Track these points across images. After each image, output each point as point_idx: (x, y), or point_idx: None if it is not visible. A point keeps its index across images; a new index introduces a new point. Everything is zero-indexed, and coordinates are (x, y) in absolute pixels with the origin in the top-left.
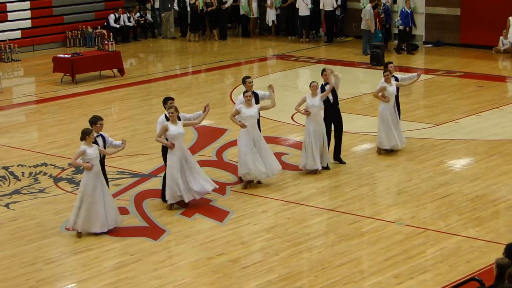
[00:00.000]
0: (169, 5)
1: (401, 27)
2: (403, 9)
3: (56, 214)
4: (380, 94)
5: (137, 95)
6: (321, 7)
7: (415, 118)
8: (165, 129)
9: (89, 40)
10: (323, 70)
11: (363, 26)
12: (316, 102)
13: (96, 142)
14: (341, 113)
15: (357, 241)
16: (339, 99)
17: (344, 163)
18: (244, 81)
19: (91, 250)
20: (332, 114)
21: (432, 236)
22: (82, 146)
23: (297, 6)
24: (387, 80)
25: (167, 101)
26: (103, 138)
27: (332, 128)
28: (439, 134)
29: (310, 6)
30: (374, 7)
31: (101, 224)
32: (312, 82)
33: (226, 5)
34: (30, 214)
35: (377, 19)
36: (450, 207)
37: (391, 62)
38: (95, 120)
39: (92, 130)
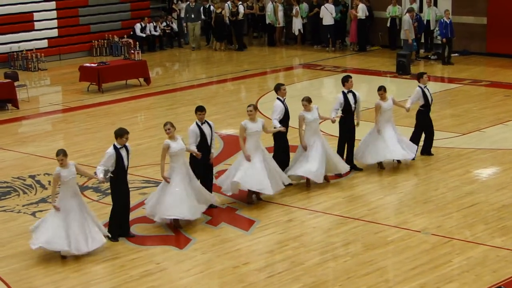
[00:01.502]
0: (192, 16)
1: (439, 37)
2: (441, 20)
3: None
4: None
5: (163, 104)
6: (359, 14)
7: (441, 127)
8: (166, 150)
9: (115, 49)
10: (348, 77)
11: (402, 36)
12: (315, 116)
13: (120, 154)
14: (367, 122)
15: (383, 250)
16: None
17: (361, 169)
18: (279, 87)
19: (117, 259)
20: (350, 121)
21: (458, 246)
22: (57, 168)
23: (321, 15)
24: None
25: (196, 111)
26: (127, 150)
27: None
28: (466, 143)
29: (334, 15)
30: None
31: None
32: (302, 100)
33: (240, 16)
34: None
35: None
36: (476, 216)
37: (425, 73)
38: (122, 134)
39: (62, 153)
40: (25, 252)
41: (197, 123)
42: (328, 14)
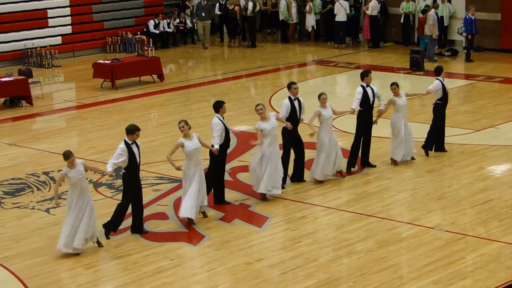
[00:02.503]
0: (203, 14)
1: (464, 34)
2: (467, 16)
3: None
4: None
5: (177, 101)
6: (369, 12)
7: (455, 123)
8: (177, 147)
9: (129, 46)
10: (368, 72)
11: (427, 31)
12: (330, 113)
13: (132, 150)
14: (381, 119)
15: (397, 247)
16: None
17: (375, 166)
18: (290, 86)
19: (131, 255)
20: (367, 117)
21: (471, 242)
22: (64, 169)
23: (335, 12)
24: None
25: (220, 106)
26: (137, 146)
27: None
28: (480, 140)
29: (348, 11)
30: (423, 12)
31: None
32: (321, 94)
33: (249, 12)
34: None
35: (425, 25)
36: (490, 213)
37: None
38: (134, 130)
39: (72, 154)
40: (39, 249)
41: (219, 118)
42: (342, 10)
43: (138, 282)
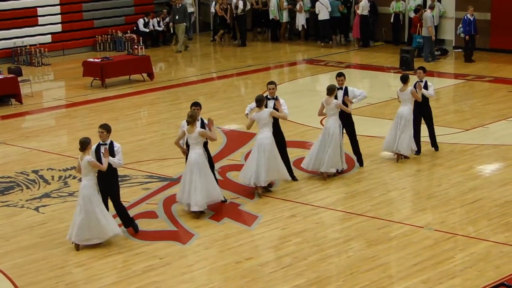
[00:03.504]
0: (177, 17)
1: (462, 35)
2: (465, 17)
3: None
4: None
5: (167, 99)
6: (359, 11)
7: (444, 123)
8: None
9: (119, 44)
10: (338, 74)
11: (424, 33)
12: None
13: (98, 152)
14: (371, 118)
15: (386, 246)
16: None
17: (362, 165)
18: (266, 85)
19: (120, 254)
20: (343, 117)
21: (461, 241)
22: (90, 158)
23: (317, 11)
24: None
25: (191, 106)
26: (112, 147)
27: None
28: (469, 139)
29: (329, 9)
30: (416, 11)
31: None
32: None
33: (239, 11)
34: (59, 218)
35: (418, 24)
36: (480, 212)
37: (419, 68)
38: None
39: (90, 140)
40: (28, 247)
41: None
42: (323, 9)
43: (127, 281)
